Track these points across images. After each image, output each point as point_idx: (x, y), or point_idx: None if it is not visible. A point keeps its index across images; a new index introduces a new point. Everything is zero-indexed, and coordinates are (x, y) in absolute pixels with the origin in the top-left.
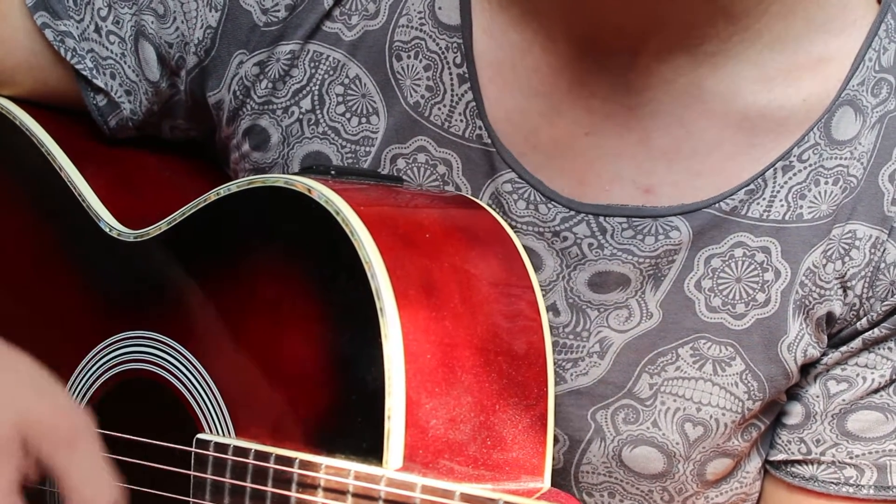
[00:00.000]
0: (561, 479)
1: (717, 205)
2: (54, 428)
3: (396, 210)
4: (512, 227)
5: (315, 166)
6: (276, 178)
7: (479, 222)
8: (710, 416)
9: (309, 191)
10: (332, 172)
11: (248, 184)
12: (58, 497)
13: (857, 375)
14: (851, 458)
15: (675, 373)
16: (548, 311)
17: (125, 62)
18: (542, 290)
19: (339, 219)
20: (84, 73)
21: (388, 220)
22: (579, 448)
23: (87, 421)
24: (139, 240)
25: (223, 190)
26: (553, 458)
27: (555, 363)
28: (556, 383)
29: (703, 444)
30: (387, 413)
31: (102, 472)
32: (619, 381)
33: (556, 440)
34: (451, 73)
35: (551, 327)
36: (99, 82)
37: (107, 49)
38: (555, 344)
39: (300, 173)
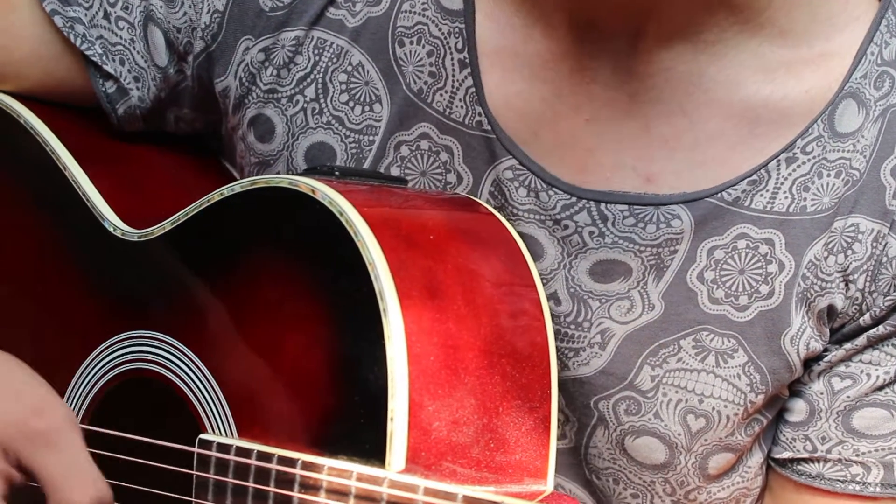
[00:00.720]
0: (573, 457)
1: (719, 194)
2: (28, 428)
3: (400, 211)
4: (513, 215)
5: (319, 166)
6: (280, 179)
7: (483, 223)
8: (713, 408)
9: (313, 191)
10: (337, 173)
11: (251, 184)
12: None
13: (862, 372)
14: (858, 455)
15: (676, 364)
16: (549, 299)
17: (134, 48)
18: (543, 278)
19: (342, 220)
20: (94, 59)
21: (392, 221)
22: (586, 431)
23: (67, 416)
24: (143, 239)
25: (227, 190)
26: (565, 437)
27: (557, 350)
28: (559, 370)
29: (706, 436)
30: (390, 415)
31: (84, 468)
32: (621, 372)
33: (566, 419)
34: (452, 59)
35: (553, 316)
36: (108, 68)
37: (116, 35)
38: (556, 333)
39: (304, 174)
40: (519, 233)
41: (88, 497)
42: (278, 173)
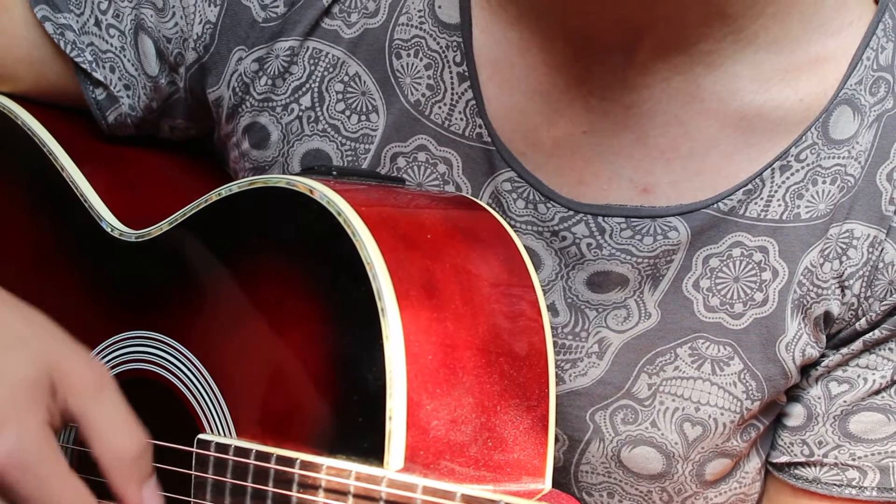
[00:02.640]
0: (561, 477)
1: (715, 205)
2: (81, 375)
3: (398, 211)
4: (511, 227)
5: (317, 166)
6: (278, 179)
7: (481, 223)
8: (709, 416)
9: (311, 191)
10: (334, 173)
11: (249, 184)
12: (71, 452)
13: (859, 377)
14: (854, 459)
15: (673, 373)
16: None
17: (125, 56)
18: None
19: (340, 220)
20: (83, 66)
21: (390, 220)
22: (578, 448)
23: (109, 373)
24: (141, 240)
25: (224, 190)
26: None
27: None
28: (555, 384)
29: (702, 444)
30: (388, 414)
31: (129, 421)
32: (618, 381)
33: (555, 439)
34: (451, 72)
35: (550, 328)
36: (98, 76)
37: (106, 42)
38: (553, 344)
39: (302, 174)
40: None
41: (133, 445)
42: None
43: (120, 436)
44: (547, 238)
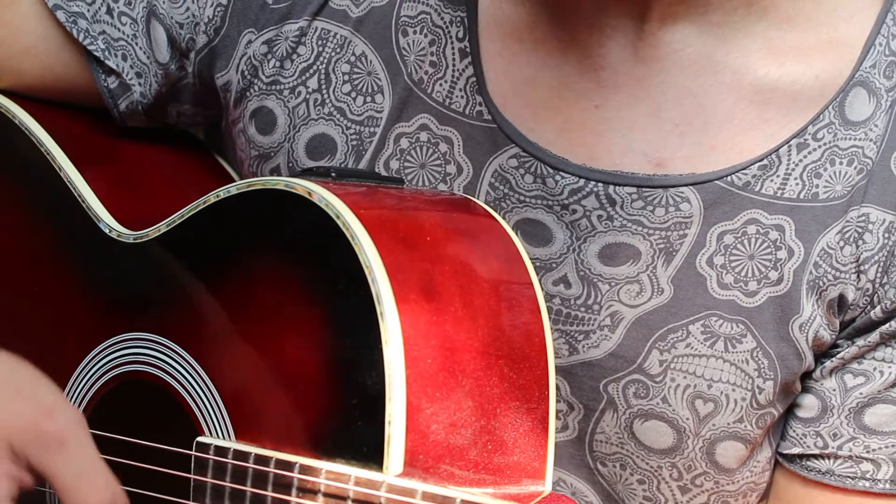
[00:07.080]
0: (575, 448)
1: (728, 178)
2: (39, 430)
3: (397, 213)
4: (520, 202)
5: (316, 168)
6: (277, 181)
7: (480, 224)
8: (721, 392)
9: (309, 194)
10: (333, 175)
11: (247, 186)
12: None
13: (875, 369)
14: (868, 452)
15: (685, 350)
16: (559, 283)
17: (136, 44)
18: (552, 262)
19: (339, 222)
20: (96, 54)
21: (389, 223)
22: (593, 417)
23: (75, 418)
24: (139, 241)
25: (223, 192)
26: (568, 428)
27: (567, 334)
28: (570, 353)
29: (714, 420)
30: (387, 418)
31: (96, 469)
32: (630, 355)
33: (571, 408)
34: (453, 48)
35: (563, 300)
36: (111, 63)
37: (118, 30)
38: (567, 315)
39: (300, 175)
40: (527, 219)
41: (102, 499)
42: (278, 167)
43: (84, 490)
44: (557, 211)
